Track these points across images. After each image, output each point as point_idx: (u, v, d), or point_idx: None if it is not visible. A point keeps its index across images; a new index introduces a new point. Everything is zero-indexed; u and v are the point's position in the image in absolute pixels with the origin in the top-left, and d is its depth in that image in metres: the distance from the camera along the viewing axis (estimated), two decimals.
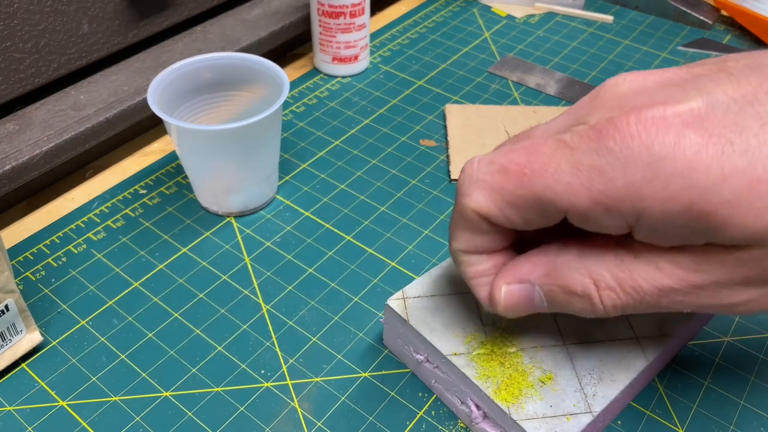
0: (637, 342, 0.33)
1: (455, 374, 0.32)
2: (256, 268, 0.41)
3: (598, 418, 0.31)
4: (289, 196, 0.47)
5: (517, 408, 0.30)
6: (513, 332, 0.33)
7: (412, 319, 0.33)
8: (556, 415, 0.30)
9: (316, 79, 0.58)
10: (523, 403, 0.30)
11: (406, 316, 0.34)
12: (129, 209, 0.46)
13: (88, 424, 0.34)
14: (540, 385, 0.31)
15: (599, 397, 0.31)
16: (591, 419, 0.30)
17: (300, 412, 0.34)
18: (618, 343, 0.33)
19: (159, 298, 0.40)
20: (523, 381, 0.31)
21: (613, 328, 0.33)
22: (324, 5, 0.54)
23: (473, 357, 0.32)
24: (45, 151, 0.44)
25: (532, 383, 0.31)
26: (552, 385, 0.31)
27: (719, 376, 0.36)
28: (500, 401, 0.30)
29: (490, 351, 0.32)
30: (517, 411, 0.30)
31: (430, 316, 0.34)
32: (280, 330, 0.38)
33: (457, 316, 0.34)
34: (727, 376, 0.36)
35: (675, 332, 0.33)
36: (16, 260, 0.42)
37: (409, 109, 0.55)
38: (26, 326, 0.36)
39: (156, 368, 0.36)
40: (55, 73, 0.48)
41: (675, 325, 0.34)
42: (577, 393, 0.31)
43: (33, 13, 0.45)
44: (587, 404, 0.30)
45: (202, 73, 0.44)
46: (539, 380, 0.31)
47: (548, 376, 0.31)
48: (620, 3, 0.69)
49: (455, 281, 0.35)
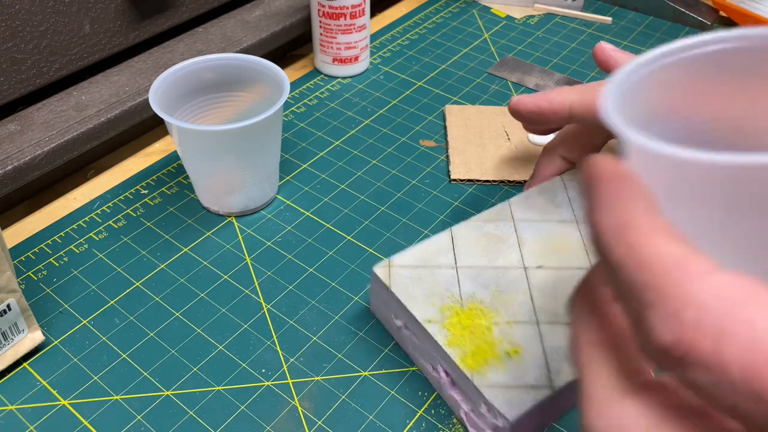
0: None
1: (428, 340, 0.34)
2: (257, 268, 0.42)
3: (559, 395, 0.31)
4: (289, 196, 0.47)
5: (480, 375, 0.31)
6: (489, 307, 0.34)
7: (394, 286, 0.35)
8: (517, 385, 0.31)
9: (317, 80, 0.58)
10: (486, 371, 0.32)
11: (389, 282, 0.35)
12: (130, 209, 0.46)
13: (90, 423, 0.34)
14: (506, 357, 0.32)
15: (563, 374, 0.31)
16: (550, 393, 0.31)
17: (300, 410, 0.34)
18: None
19: (160, 298, 0.40)
20: (490, 351, 0.32)
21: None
22: (324, 6, 0.54)
23: (446, 325, 0.33)
24: (47, 151, 0.45)
25: (498, 354, 0.32)
26: (518, 359, 0.32)
27: None
28: (465, 367, 0.32)
29: (462, 321, 0.34)
30: (479, 378, 0.31)
31: (411, 285, 0.35)
32: (280, 329, 0.38)
33: (437, 287, 0.35)
34: None
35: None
36: (18, 260, 0.42)
37: (409, 110, 0.55)
38: (28, 326, 0.36)
39: (157, 367, 0.36)
40: (56, 73, 0.48)
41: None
42: (542, 369, 0.32)
43: (35, 13, 0.45)
44: (549, 379, 0.31)
45: (203, 74, 0.44)
46: (506, 352, 0.32)
47: (515, 350, 0.32)
48: (619, 4, 0.69)
49: (440, 256, 0.37)
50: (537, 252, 0.37)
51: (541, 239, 0.38)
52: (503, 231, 0.39)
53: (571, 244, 0.38)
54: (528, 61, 0.61)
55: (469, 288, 0.35)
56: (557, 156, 0.42)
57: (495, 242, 0.38)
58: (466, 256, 0.37)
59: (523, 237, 0.38)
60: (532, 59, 0.61)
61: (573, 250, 0.37)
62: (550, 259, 0.37)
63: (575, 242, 0.38)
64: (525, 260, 0.37)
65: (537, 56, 0.62)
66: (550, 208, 0.40)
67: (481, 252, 0.37)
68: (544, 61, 0.61)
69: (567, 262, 0.37)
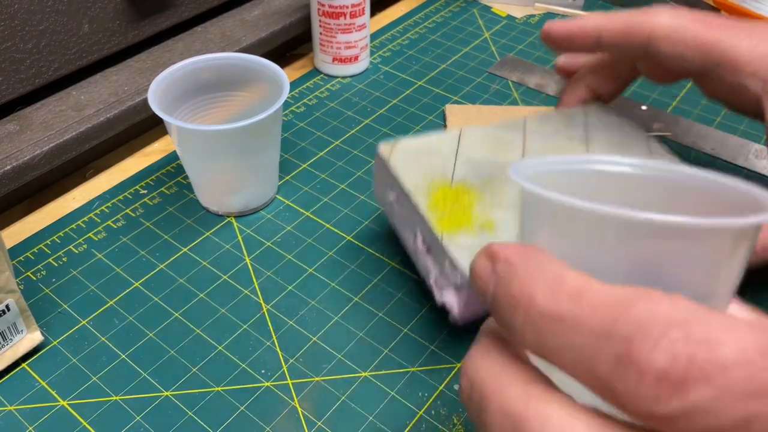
0: None
1: (411, 207, 0.36)
2: (257, 268, 0.42)
3: None
4: (289, 196, 0.47)
5: (450, 236, 0.33)
6: (478, 190, 0.36)
7: (393, 159, 0.38)
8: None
9: (317, 80, 0.58)
10: (457, 235, 0.34)
11: (388, 156, 0.38)
12: (129, 209, 0.46)
13: (89, 424, 0.34)
14: (480, 228, 0.34)
15: None
16: None
17: (300, 411, 0.34)
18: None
19: (159, 298, 0.40)
20: (466, 221, 0.34)
21: None
22: (324, 6, 0.54)
23: (430, 194, 0.36)
24: (46, 151, 0.44)
25: (473, 225, 0.34)
26: (491, 232, 0.34)
27: None
28: (438, 228, 0.34)
29: (447, 194, 0.36)
30: (449, 238, 0.33)
31: (408, 162, 0.38)
32: (280, 330, 0.38)
33: (432, 169, 0.37)
34: None
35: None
36: (17, 260, 0.42)
37: (410, 110, 0.55)
38: (27, 326, 0.36)
39: (156, 368, 0.36)
40: (55, 73, 0.48)
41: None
42: (511, 240, 0.32)
43: (34, 13, 0.45)
44: None
45: (202, 74, 0.44)
46: (480, 225, 0.34)
47: (490, 224, 0.34)
48: (619, 3, 0.69)
49: (444, 146, 0.39)
50: (540, 153, 0.39)
51: (548, 148, 0.40)
52: (512, 137, 0.40)
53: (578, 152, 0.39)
54: (529, 60, 0.61)
55: (463, 173, 0.37)
56: (583, 85, 0.44)
57: (502, 144, 0.40)
58: (469, 150, 0.39)
59: (531, 144, 0.40)
60: (533, 59, 0.61)
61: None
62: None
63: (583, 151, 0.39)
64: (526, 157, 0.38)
65: (538, 56, 0.62)
66: (563, 127, 0.41)
67: (486, 149, 0.39)
68: (544, 61, 0.61)
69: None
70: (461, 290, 0.33)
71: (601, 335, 0.16)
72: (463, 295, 0.33)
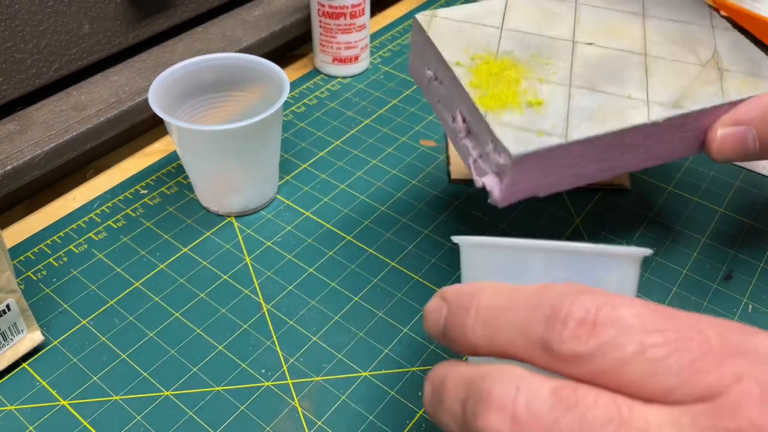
0: (646, 104, 0.33)
1: (452, 83, 0.33)
2: (257, 268, 0.42)
3: (573, 151, 0.30)
4: (289, 196, 0.47)
5: (494, 114, 0.31)
6: (524, 65, 0.33)
7: (432, 31, 0.35)
8: (530, 129, 0.30)
9: (317, 80, 0.58)
10: (502, 113, 0.31)
11: (428, 27, 0.35)
12: (130, 209, 0.46)
13: (89, 424, 0.34)
14: (527, 106, 0.31)
15: (580, 129, 0.30)
16: (561, 142, 0.30)
17: (300, 411, 0.34)
18: (625, 100, 0.33)
19: (160, 298, 0.40)
20: (511, 98, 0.32)
21: (624, 87, 0.33)
22: (324, 6, 0.54)
23: (472, 69, 0.33)
24: (46, 151, 0.45)
25: (519, 102, 0.31)
26: (538, 109, 0.31)
27: None
28: (480, 105, 0.31)
29: (491, 69, 0.33)
30: (493, 116, 0.31)
31: (449, 34, 0.35)
32: (280, 329, 0.38)
33: (475, 40, 0.34)
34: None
35: (691, 109, 0.33)
36: (18, 260, 0.42)
37: (409, 110, 0.55)
38: (27, 326, 0.36)
39: (157, 368, 0.36)
40: (56, 73, 0.48)
41: (694, 104, 0.33)
42: (561, 121, 0.31)
43: (34, 13, 0.45)
44: (565, 130, 0.30)
45: (202, 74, 0.44)
46: (527, 102, 0.31)
47: (538, 101, 0.32)
48: None
49: (488, 17, 0.36)
50: (591, 31, 0.36)
51: (601, 23, 0.37)
52: (563, 9, 0.37)
53: (632, 32, 0.37)
54: None
55: (508, 46, 0.34)
56: None
57: (550, 16, 0.37)
58: (516, 21, 0.36)
59: (582, 17, 0.37)
60: None
61: (632, 36, 0.36)
62: (604, 38, 0.36)
63: (636, 31, 0.37)
64: (576, 36, 0.36)
65: None
66: (620, 0, 0.39)
67: (533, 21, 0.36)
68: None
69: (621, 45, 0.36)
70: (504, 171, 0.30)
71: (533, 307, 0.21)
72: (507, 175, 0.30)
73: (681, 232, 0.44)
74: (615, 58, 0.35)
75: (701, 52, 0.36)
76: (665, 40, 0.37)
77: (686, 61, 0.36)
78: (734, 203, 0.46)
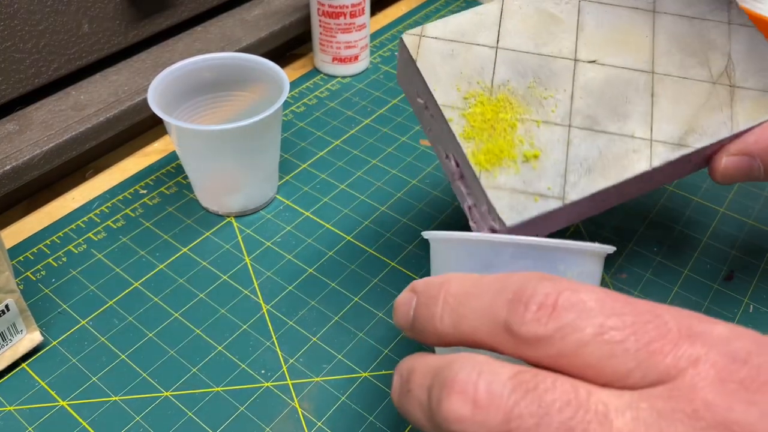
0: (649, 145, 0.30)
1: (443, 126, 0.31)
2: (257, 268, 0.42)
3: (569, 209, 0.29)
4: (289, 196, 0.47)
5: (489, 174, 0.29)
6: (520, 101, 0.31)
7: (421, 59, 0.31)
8: (526, 191, 0.29)
9: (316, 79, 0.58)
10: (497, 171, 0.29)
11: (415, 55, 0.31)
12: (129, 209, 0.46)
13: (89, 424, 0.34)
14: (523, 160, 0.29)
15: (578, 188, 0.29)
16: (559, 206, 0.28)
17: (300, 411, 0.34)
18: (628, 141, 0.30)
19: (159, 298, 0.40)
20: (507, 151, 0.29)
21: (627, 122, 0.31)
22: (324, 5, 0.54)
23: (466, 114, 0.30)
24: (45, 151, 0.44)
25: (515, 156, 0.29)
26: (535, 163, 0.29)
27: None
28: (475, 163, 0.29)
29: (485, 113, 0.30)
30: (486, 177, 0.29)
31: (440, 62, 0.31)
32: (280, 330, 0.38)
33: (468, 68, 0.31)
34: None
35: (696, 147, 0.31)
36: (17, 260, 0.42)
37: (409, 110, 0.55)
38: (26, 326, 0.36)
39: (156, 368, 0.36)
40: (55, 73, 0.48)
41: (700, 138, 0.31)
42: (558, 178, 0.29)
43: (33, 13, 0.45)
44: (563, 191, 0.28)
45: (202, 73, 0.44)
46: (524, 155, 0.29)
47: (535, 153, 0.30)
48: None
49: (482, 31, 0.33)
50: (595, 42, 0.33)
51: (606, 27, 0.33)
52: (564, 10, 0.34)
53: (640, 40, 0.33)
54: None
55: (504, 74, 0.31)
56: None
57: (549, 23, 0.33)
58: (511, 36, 0.32)
59: (585, 21, 0.33)
60: None
61: (639, 46, 0.33)
62: (608, 52, 0.33)
63: (645, 38, 0.33)
64: (578, 50, 0.32)
65: None
66: None
67: (530, 33, 0.33)
68: None
69: (627, 61, 0.33)
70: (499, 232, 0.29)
71: (497, 292, 0.21)
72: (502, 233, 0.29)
73: (682, 233, 0.44)
74: (619, 83, 0.32)
75: (713, 62, 0.34)
76: (676, 48, 0.34)
77: (696, 78, 0.33)
78: (735, 203, 0.46)
